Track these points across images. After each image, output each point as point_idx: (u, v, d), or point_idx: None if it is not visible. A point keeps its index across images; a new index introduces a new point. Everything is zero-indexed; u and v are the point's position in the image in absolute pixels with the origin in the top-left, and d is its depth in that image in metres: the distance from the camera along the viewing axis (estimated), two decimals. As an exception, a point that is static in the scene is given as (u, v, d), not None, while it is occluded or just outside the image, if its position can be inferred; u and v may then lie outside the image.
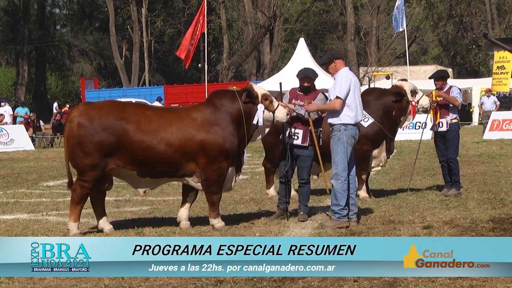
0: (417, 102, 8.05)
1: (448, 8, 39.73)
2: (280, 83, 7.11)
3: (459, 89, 8.48)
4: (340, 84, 6.26)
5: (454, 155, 8.33)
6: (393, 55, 39.25)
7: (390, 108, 7.97)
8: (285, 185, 6.88)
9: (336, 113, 6.27)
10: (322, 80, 25.21)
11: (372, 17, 37.37)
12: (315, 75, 6.83)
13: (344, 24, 38.94)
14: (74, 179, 6.32)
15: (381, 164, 8.22)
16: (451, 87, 8.36)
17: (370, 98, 8.03)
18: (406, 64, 27.83)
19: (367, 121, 7.89)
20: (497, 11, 40.45)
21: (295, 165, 6.83)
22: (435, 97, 8.21)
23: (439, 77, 8.40)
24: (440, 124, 8.31)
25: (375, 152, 8.08)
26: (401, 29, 25.73)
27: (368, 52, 37.46)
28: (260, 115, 6.39)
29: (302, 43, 26.98)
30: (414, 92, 8.08)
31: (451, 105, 8.24)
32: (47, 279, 4.76)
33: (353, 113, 6.30)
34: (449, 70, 29.14)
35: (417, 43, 41.83)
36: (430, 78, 8.89)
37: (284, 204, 6.93)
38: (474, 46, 23.20)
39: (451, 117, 8.29)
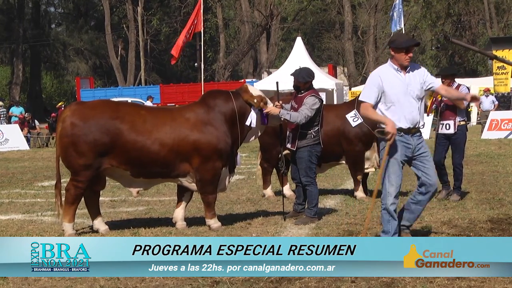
0: None
1: (446, 7, 39.74)
2: (277, 82, 7.03)
3: (468, 88, 7.86)
4: None
5: (460, 160, 7.85)
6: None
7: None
8: (298, 186, 6.86)
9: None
10: (321, 80, 25.21)
11: (370, 16, 37.38)
12: (303, 78, 6.66)
13: (342, 23, 38.96)
14: (63, 180, 6.27)
15: (374, 165, 8.10)
16: (459, 85, 7.75)
17: None
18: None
19: (356, 121, 7.84)
20: (495, 10, 40.49)
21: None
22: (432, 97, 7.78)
23: (448, 75, 7.81)
24: (447, 126, 7.78)
25: (367, 153, 8.00)
26: (398, 28, 25.69)
27: (365, 51, 37.48)
28: (254, 116, 6.35)
29: (299, 42, 26.94)
30: None
31: None
32: (42, 280, 4.71)
33: None
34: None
35: (415, 42, 41.67)
36: (437, 75, 8.58)
37: (297, 205, 6.91)
38: (433, 48, 22.38)
39: (459, 119, 7.78)
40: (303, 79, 6.68)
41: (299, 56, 25.85)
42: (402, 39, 5.20)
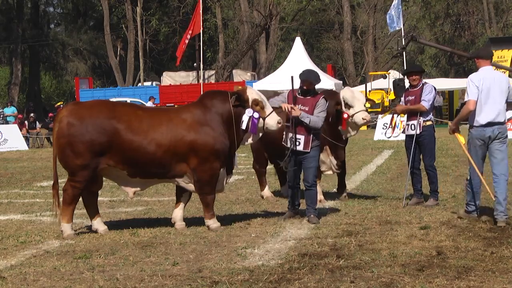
0: (352, 116, 7.52)
1: (445, 7, 39.76)
2: (292, 77, 6.72)
3: (434, 88, 7.50)
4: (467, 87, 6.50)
5: (431, 161, 7.47)
6: (390, 54, 39.28)
7: (329, 113, 7.30)
8: (293, 188, 6.77)
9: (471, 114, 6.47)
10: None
11: (369, 16, 37.39)
12: (316, 80, 6.67)
13: (341, 23, 38.97)
14: (61, 180, 6.24)
15: (331, 169, 7.86)
16: (424, 85, 7.47)
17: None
18: (403, 64, 27.79)
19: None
20: (494, 10, 40.52)
21: (301, 169, 6.73)
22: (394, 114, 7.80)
23: (417, 72, 7.53)
24: (412, 126, 7.41)
25: (321, 157, 7.56)
26: (398, 28, 25.72)
27: (364, 51, 37.49)
28: (246, 119, 6.34)
29: (298, 42, 26.95)
30: (347, 105, 7.55)
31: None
32: (40, 281, 4.70)
33: (477, 115, 6.40)
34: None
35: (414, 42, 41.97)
36: (403, 74, 8.41)
37: (293, 207, 6.85)
38: (399, 48, 21.68)
39: (424, 119, 7.40)
40: (316, 81, 6.67)
41: (298, 56, 25.85)
42: None
